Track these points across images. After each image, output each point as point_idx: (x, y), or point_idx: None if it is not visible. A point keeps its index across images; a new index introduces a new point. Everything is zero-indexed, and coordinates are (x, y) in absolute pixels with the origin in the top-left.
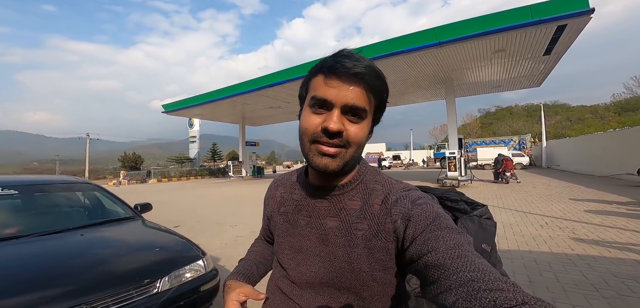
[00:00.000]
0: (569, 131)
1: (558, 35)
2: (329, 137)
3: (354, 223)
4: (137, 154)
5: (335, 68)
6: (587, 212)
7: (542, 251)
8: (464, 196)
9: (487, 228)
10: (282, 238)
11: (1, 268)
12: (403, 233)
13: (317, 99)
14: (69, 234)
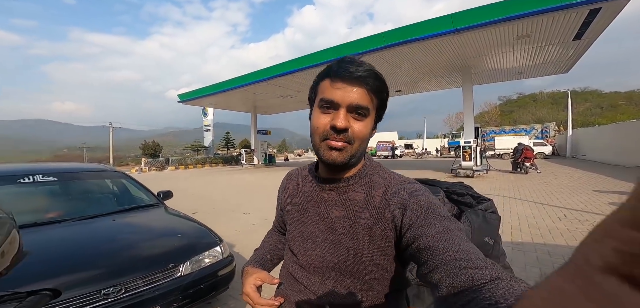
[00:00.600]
0: (599, 119)
1: (590, 20)
2: (337, 133)
3: (358, 213)
4: (156, 142)
5: (340, 73)
6: (612, 204)
7: (558, 245)
8: (471, 190)
9: (491, 221)
10: (293, 227)
11: (49, 249)
12: (400, 221)
13: (325, 100)
14: (102, 219)
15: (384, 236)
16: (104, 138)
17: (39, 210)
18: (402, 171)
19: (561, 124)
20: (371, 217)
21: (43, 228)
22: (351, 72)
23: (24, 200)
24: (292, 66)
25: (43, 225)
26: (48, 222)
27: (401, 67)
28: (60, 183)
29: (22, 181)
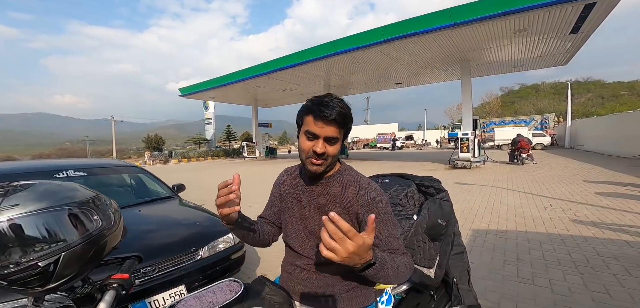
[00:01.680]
0: (599, 109)
1: (586, 14)
2: (317, 156)
3: (333, 202)
4: (159, 135)
5: (320, 115)
6: (597, 194)
7: (538, 232)
8: (435, 183)
9: (444, 207)
10: (290, 210)
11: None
12: (362, 216)
13: (309, 132)
14: (130, 210)
15: (349, 222)
16: (106, 131)
17: None
18: (402, 162)
19: (560, 115)
20: (343, 208)
21: None
22: (327, 116)
23: None
24: (293, 59)
25: None
26: None
27: (400, 60)
28: (89, 177)
29: (58, 176)
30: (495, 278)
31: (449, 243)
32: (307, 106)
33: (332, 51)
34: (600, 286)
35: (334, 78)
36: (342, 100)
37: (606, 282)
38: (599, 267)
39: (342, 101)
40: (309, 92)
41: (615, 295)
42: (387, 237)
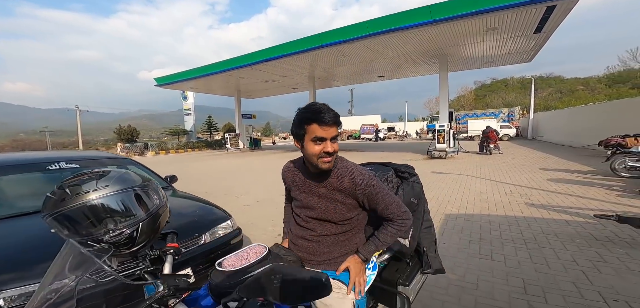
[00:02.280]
0: (558, 103)
1: (548, 15)
2: (328, 155)
3: (333, 192)
4: (132, 126)
5: (324, 121)
6: (549, 180)
7: (498, 215)
8: (409, 169)
9: (415, 188)
10: (297, 197)
11: None
12: (363, 201)
13: (318, 137)
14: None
15: (350, 204)
16: (66, 121)
17: None
18: (384, 153)
19: (525, 108)
20: (342, 193)
21: None
22: (329, 120)
23: (50, 186)
24: (278, 51)
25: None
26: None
27: (384, 54)
28: (81, 169)
29: (51, 168)
30: (462, 256)
31: (420, 218)
32: (307, 117)
33: (317, 44)
34: (542, 259)
35: (318, 70)
36: (327, 105)
37: (547, 255)
38: (543, 243)
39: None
40: (294, 83)
41: (552, 265)
42: (384, 210)
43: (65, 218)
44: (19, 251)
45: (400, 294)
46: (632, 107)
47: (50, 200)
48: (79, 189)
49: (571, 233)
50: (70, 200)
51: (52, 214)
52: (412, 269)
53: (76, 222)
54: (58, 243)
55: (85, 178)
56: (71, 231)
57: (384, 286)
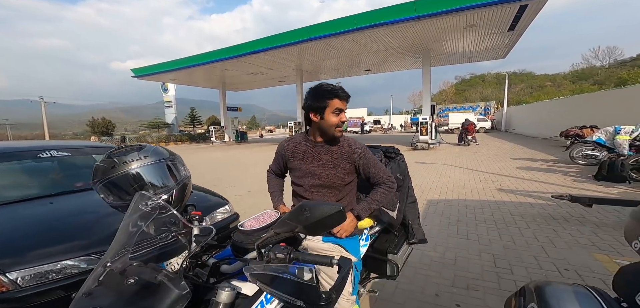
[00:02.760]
0: (528, 98)
1: (520, 14)
2: (342, 124)
3: (335, 158)
4: (107, 119)
5: (345, 96)
6: (518, 168)
7: (473, 199)
8: (395, 150)
9: (401, 165)
10: (299, 166)
11: (90, 216)
12: (359, 166)
13: (338, 108)
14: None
15: (349, 169)
16: (30, 114)
17: (57, 182)
18: (369, 144)
19: (499, 102)
20: (343, 160)
21: (73, 196)
22: (346, 96)
23: (44, 173)
24: (265, 43)
25: (72, 193)
26: (77, 190)
27: (370, 47)
28: (73, 157)
29: (42, 156)
30: (442, 236)
31: (405, 193)
32: (331, 92)
33: (305, 37)
34: (509, 237)
35: (306, 63)
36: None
37: (513, 233)
38: (510, 223)
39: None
40: (281, 76)
41: (517, 242)
42: (375, 174)
43: (113, 184)
44: (30, 234)
45: (390, 261)
46: (590, 102)
47: (100, 168)
48: (124, 158)
49: (534, 213)
50: (118, 168)
51: (102, 180)
52: (399, 239)
53: (121, 189)
54: (65, 226)
55: (128, 150)
56: (116, 197)
57: (376, 255)
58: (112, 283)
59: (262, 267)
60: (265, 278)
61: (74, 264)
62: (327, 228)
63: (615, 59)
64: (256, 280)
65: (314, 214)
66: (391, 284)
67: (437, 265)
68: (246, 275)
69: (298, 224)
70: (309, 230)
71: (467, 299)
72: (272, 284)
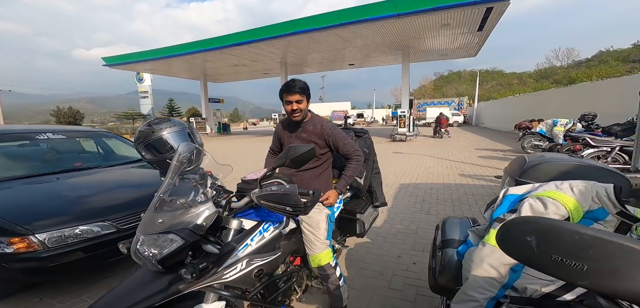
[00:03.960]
0: (497, 94)
1: (487, 15)
2: (293, 111)
3: (310, 135)
4: (74, 109)
5: (288, 90)
6: (479, 157)
7: (438, 183)
8: (363, 130)
9: (367, 141)
10: (286, 143)
11: (98, 188)
12: (329, 142)
13: (288, 100)
14: (124, 166)
15: (321, 144)
16: None
17: (58, 161)
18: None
19: (471, 98)
20: (316, 136)
21: (76, 174)
22: (290, 89)
23: (45, 153)
24: (249, 36)
25: (73, 171)
26: (77, 169)
27: (353, 43)
28: (69, 140)
29: (39, 137)
30: (408, 213)
31: (371, 165)
32: (281, 89)
33: (290, 30)
34: (460, 211)
35: (290, 56)
36: (301, 80)
37: (464, 209)
38: (464, 201)
39: (302, 81)
40: (265, 69)
41: (466, 215)
42: (344, 147)
43: (151, 145)
44: (49, 204)
45: (359, 220)
46: (544, 98)
47: (142, 133)
48: (159, 126)
49: (482, 193)
50: (155, 133)
51: (144, 142)
52: (366, 203)
53: (156, 149)
54: (77, 197)
55: (160, 121)
56: (153, 154)
57: (347, 215)
58: (166, 206)
59: (262, 191)
60: (264, 196)
61: (89, 229)
62: (305, 161)
63: (573, 60)
64: (259, 199)
65: (297, 151)
66: (363, 249)
67: (402, 235)
68: (252, 198)
69: (287, 159)
70: (294, 163)
71: (422, 259)
72: (267, 199)
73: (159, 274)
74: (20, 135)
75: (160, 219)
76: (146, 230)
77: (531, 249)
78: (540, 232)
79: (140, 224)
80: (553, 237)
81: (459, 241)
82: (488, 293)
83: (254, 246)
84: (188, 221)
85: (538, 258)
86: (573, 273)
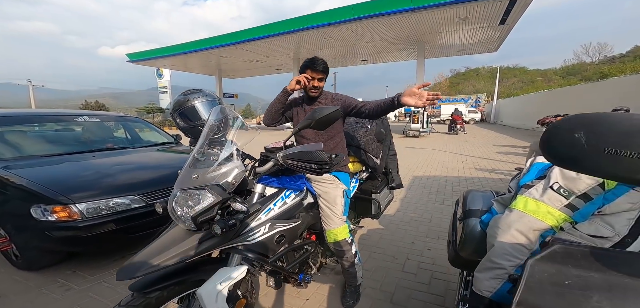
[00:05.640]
0: (518, 92)
1: (510, 8)
2: (314, 88)
3: (323, 105)
4: (100, 103)
5: (310, 65)
6: (498, 153)
7: (453, 176)
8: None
9: (384, 122)
10: (299, 116)
11: (128, 166)
12: (340, 103)
13: (310, 76)
14: (149, 149)
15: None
16: (14, 98)
17: (93, 142)
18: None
19: (490, 95)
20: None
21: (108, 153)
22: (314, 66)
23: (82, 134)
24: (263, 31)
25: (106, 150)
26: (108, 149)
27: (367, 38)
28: (102, 123)
29: (78, 120)
30: (422, 203)
31: (388, 146)
32: (304, 63)
33: (304, 25)
34: None
35: (303, 52)
36: (324, 60)
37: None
38: None
39: (324, 61)
40: (277, 64)
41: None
42: (354, 105)
43: (186, 113)
44: (86, 177)
45: (374, 200)
46: (570, 94)
47: (177, 102)
48: (193, 97)
49: (501, 186)
50: (189, 102)
51: (179, 110)
52: (382, 183)
53: (188, 117)
54: (111, 172)
55: (193, 91)
56: (186, 121)
57: (363, 195)
58: (199, 164)
59: (287, 151)
60: (290, 155)
61: (122, 201)
62: (330, 122)
63: (605, 56)
64: (285, 159)
65: (322, 112)
66: (376, 234)
67: (415, 223)
68: (278, 159)
69: (313, 120)
70: (319, 124)
71: (437, 245)
72: (293, 157)
73: (190, 233)
74: (63, 117)
75: (195, 175)
76: (182, 185)
77: (580, 146)
78: (589, 124)
79: (177, 180)
80: (604, 128)
81: (482, 211)
82: (516, 260)
83: (276, 211)
84: (219, 178)
85: (588, 157)
86: (632, 166)
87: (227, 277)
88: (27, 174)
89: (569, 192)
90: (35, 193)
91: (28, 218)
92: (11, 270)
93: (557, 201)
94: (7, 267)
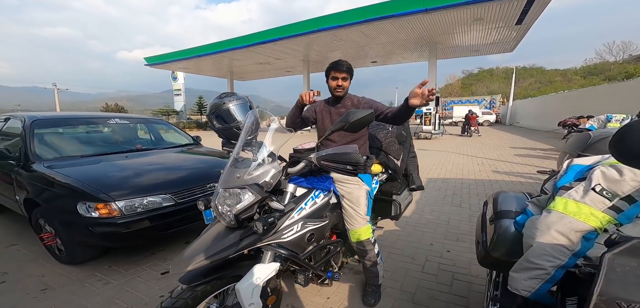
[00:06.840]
0: (535, 92)
1: (528, 8)
2: (339, 87)
3: (348, 109)
4: (119, 106)
5: (335, 67)
6: (515, 155)
7: (469, 178)
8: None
9: (405, 125)
10: (326, 118)
11: (158, 167)
12: (365, 107)
13: (334, 76)
14: (174, 150)
15: None
16: (39, 101)
17: (124, 143)
18: None
19: (505, 96)
20: (354, 108)
21: (139, 154)
22: (338, 67)
23: (114, 135)
24: (274, 34)
25: (136, 151)
26: (138, 150)
27: (377, 40)
28: (130, 125)
29: (110, 122)
30: (438, 205)
31: (408, 148)
32: (329, 66)
33: (314, 28)
34: None
35: (313, 54)
36: (347, 62)
37: None
38: None
39: (348, 62)
40: (287, 67)
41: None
42: (380, 107)
43: (222, 115)
44: (122, 177)
45: (394, 201)
46: (592, 95)
47: (214, 105)
48: (228, 100)
49: (521, 188)
50: (225, 105)
51: (215, 113)
52: (402, 185)
53: (224, 119)
54: (144, 172)
55: (228, 95)
56: (221, 123)
57: (383, 197)
58: (240, 163)
59: (321, 153)
60: (325, 157)
61: (155, 200)
62: (364, 125)
63: (630, 55)
64: (319, 160)
65: (356, 115)
66: (393, 236)
67: (432, 225)
68: (311, 160)
69: (346, 122)
70: (353, 127)
71: (456, 247)
72: (328, 159)
73: (231, 230)
74: (97, 119)
75: (238, 174)
76: (226, 183)
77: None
78: None
79: (220, 179)
80: None
81: (515, 212)
82: (557, 261)
83: (307, 210)
84: (258, 178)
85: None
86: None
87: (262, 273)
88: (71, 173)
89: (612, 194)
90: (80, 191)
91: (75, 214)
92: (55, 265)
93: (599, 203)
94: (51, 261)
